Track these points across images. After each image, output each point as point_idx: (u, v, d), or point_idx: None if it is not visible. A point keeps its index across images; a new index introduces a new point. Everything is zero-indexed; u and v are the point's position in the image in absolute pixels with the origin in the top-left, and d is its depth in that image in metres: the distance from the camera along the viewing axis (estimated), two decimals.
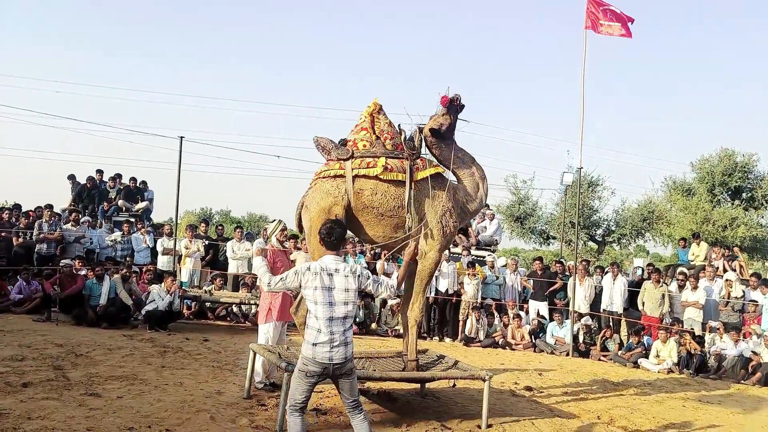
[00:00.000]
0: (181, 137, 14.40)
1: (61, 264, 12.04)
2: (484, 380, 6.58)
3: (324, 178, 6.85)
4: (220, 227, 17.80)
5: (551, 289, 14.20)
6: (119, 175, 17.75)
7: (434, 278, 13.64)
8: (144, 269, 13.47)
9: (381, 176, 6.68)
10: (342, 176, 6.73)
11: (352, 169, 6.70)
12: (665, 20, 75.82)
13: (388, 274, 14.01)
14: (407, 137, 7.06)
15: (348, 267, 4.75)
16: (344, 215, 6.66)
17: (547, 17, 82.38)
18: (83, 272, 12.28)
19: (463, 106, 7.02)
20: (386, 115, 7.12)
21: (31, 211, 14.98)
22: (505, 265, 15.22)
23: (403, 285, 5.03)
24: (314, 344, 4.60)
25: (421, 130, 7.05)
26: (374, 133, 6.94)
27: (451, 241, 7.31)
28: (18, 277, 12.39)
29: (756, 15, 67.28)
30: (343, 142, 6.97)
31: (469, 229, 16.00)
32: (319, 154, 7.13)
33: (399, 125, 7.12)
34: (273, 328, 7.49)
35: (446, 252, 14.13)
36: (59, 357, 8.34)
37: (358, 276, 4.75)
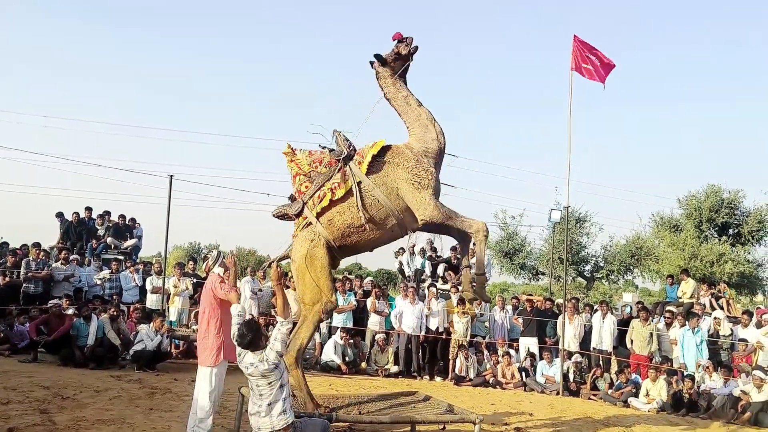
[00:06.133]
0: (171, 176, 14.42)
1: (49, 304, 11.95)
2: (474, 423, 6.57)
3: (299, 232, 7.21)
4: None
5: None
6: (107, 213, 17.72)
7: (424, 316, 13.67)
8: (132, 308, 13.36)
9: (335, 198, 6.93)
10: (310, 223, 7.06)
11: (312, 211, 7.03)
12: (651, 58, 77.27)
13: (379, 312, 13.99)
14: (330, 149, 7.24)
15: (258, 359, 5.31)
16: (325, 255, 6.96)
17: (536, 56, 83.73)
18: (70, 311, 12.17)
19: (416, 47, 7.15)
20: (301, 150, 7.40)
21: (18, 249, 14.87)
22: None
23: (291, 308, 5.56)
24: (251, 415, 5.41)
25: (339, 132, 7.21)
26: (305, 173, 7.23)
27: (437, 186, 7.13)
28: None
29: (739, 53, 68.71)
30: (292, 198, 7.33)
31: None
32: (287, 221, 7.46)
33: (319, 145, 7.33)
34: (222, 367, 7.05)
35: (434, 289, 14.17)
36: (45, 400, 8.26)
37: (265, 360, 5.30)
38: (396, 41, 7.17)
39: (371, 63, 7.28)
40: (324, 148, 7.33)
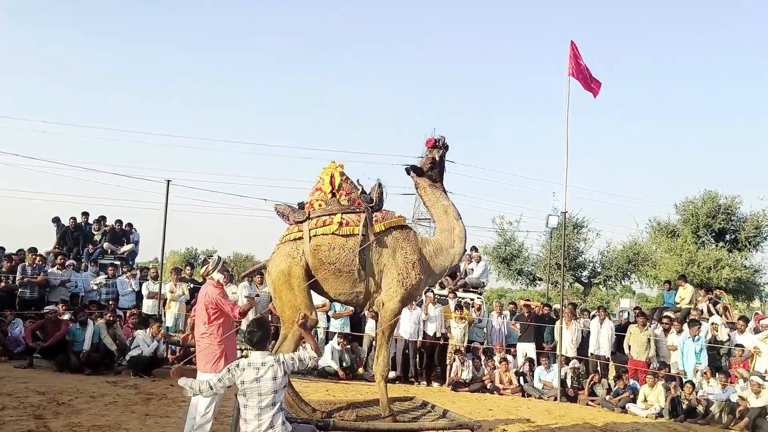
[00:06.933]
0: (168, 181, 14.36)
1: (45, 309, 11.90)
2: (472, 429, 6.53)
3: (285, 242, 7.05)
4: None
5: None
6: (103, 218, 17.68)
7: (422, 322, 13.63)
8: (128, 313, 13.31)
9: (337, 232, 6.82)
10: (302, 238, 6.91)
11: (309, 229, 6.88)
12: (649, 64, 77.49)
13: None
14: (363, 191, 7.18)
15: (273, 358, 5.06)
16: (303, 275, 6.82)
17: (534, 61, 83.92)
18: (66, 317, 12.12)
19: (447, 146, 7.28)
20: (344, 173, 7.29)
21: (14, 254, 14.80)
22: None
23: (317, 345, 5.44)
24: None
25: (380, 185, 7.19)
26: (331, 192, 7.13)
27: (414, 294, 7.25)
28: None
29: (736, 57, 68.94)
30: (302, 205, 7.20)
31: (458, 272, 16.03)
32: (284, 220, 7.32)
33: (357, 180, 7.28)
34: None
35: (431, 294, 14.15)
36: (41, 406, 8.21)
37: (282, 363, 5.04)
38: (429, 147, 7.26)
39: (407, 171, 7.31)
40: (360, 186, 7.26)
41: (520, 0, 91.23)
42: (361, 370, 13.46)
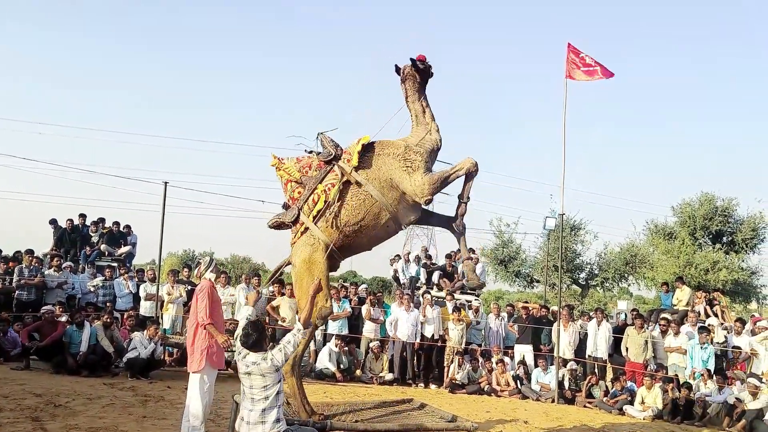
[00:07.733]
0: (166, 182, 14.29)
1: (42, 310, 11.87)
2: (469, 431, 6.53)
3: (296, 241, 7.11)
4: None
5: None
6: (102, 220, 17.66)
7: (420, 324, 13.63)
8: (126, 315, 13.28)
9: (329, 200, 6.85)
10: (308, 229, 6.97)
11: (309, 217, 6.95)
12: (646, 68, 77.62)
13: (374, 319, 13.96)
14: (318, 153, 7.20)
15: (261, 357, 5.24)
16: (324, 261, 6.88)
17: (532, 63, 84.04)
18: (63, 318, 12.09)
19: (432, 73, 7.22)
20: (288, 158, 7.38)
21: (11, 260, 14.71)
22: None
23: (286, 316, 5.55)
24: (241, 418, 5.30)
25: (321, 134, 7.18)
26: (296, 180, 7.21)
27: (430, 163, 7.07)
28: None
29: (735, 58, 69.10)
30: (286, 206, 7.28)
31: (455, 274, 16.05)
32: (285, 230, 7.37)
33: (305, 150, 7.32)
34: (211, 374, 7.06)
35: (429, 296, 14.14)
36: (37, 408, 8.19)
37: (270, 359, 5.22)
38: (420, 61, 7.17)
39: (396, 67, 7.20)
40: (311, 152, 7.28)
41: (518, 1, 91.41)
42: (358, 372, 13.43)
